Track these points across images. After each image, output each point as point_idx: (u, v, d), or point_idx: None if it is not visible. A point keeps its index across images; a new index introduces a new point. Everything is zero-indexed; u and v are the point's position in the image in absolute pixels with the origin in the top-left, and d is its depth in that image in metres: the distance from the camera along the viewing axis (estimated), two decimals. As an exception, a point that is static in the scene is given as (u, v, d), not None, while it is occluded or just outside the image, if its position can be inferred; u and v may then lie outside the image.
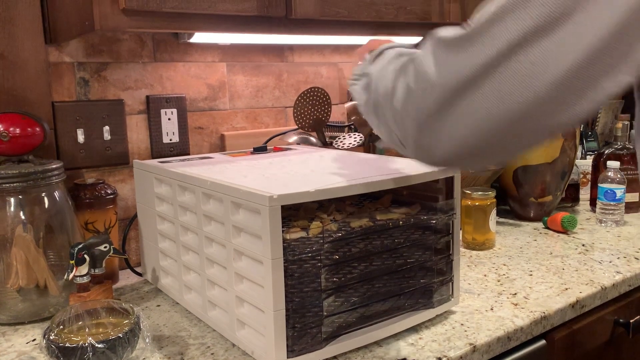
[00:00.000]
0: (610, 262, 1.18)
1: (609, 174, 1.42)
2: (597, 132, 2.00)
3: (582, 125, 1.91)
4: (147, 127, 1.27)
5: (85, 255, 0.94)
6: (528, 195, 1.45)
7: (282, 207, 0.72)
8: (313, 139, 1.37)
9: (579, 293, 1.02)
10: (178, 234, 0.97)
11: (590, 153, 1.83)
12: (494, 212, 1.27)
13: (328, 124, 1.40)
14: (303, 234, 0.77)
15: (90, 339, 0.74)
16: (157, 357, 0.84)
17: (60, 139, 1.16)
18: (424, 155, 0.60)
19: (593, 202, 1.56)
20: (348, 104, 1.39)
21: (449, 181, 0.92)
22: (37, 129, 1.00)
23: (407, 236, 0.87)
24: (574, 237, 1.36)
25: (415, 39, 1.61)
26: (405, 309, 0.88)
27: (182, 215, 0.96)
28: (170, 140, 1.29)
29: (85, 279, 0.94)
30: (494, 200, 1.28)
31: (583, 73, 0.47)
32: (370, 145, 1.39)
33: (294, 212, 0.87)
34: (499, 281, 1.09)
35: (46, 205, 0.99)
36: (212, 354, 0.84)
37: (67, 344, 0.74)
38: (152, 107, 1.26)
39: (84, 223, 1.10)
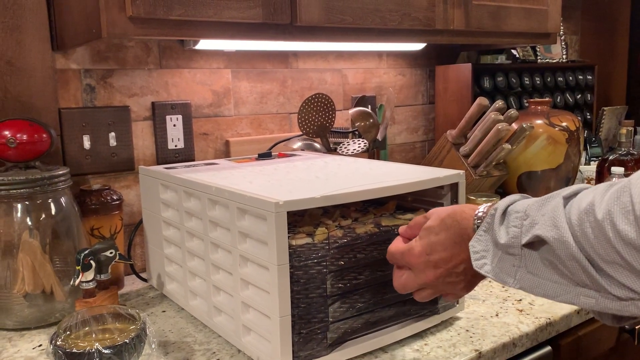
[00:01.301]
0: (615, 268, 1.18)
1: (613, 179, 1.42)
2: (601, 138, 2.00)
3: (586, 131, 1.91)
4: (153, 133, 1.28)
5: (92, 261, 0.94)
6: (532, 201, 1.45)
7: (288, 213, 0.73)
8: (317, 145, 1.37)
9: (584, 299, 1.02)
10: (183, 240, 0.98)
11: (594, 159, 1.83)
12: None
13: (332, 130, 1.41)
14: (308, 239, 0.78)
15: (97, 344, 0.74)
16: (163, 362, 0.84)
17: (67, 145, 1.16)
18: None
19: (597, 208, 1.56)
20: (352, 110, 1.40)
21: (454, 187, 0.92)
22: (44, 135, 1.01)
23: (412, 242, 0.87)
24: (578, 243, 1.35)
25: (418, 45, 1.61)
26: (410, 315, 0.88)
27: (187, 221, 0.96)
28: (176, 146, 1.30)
29: (91, 285, 0.95)
30: (499, 206, 1.28)
31: None
32: (374, 151, 1.40)
33: (299, 218, 0.87)
34: (503, 287, 1.09)
35: (52, 211, 1.00)
36: (217, 359, 0.84)
37: (74, 350, 0.74)
38: (158, 113, 1.27)
39: (90, 229, 1.10)
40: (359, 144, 1.33)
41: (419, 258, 0.70)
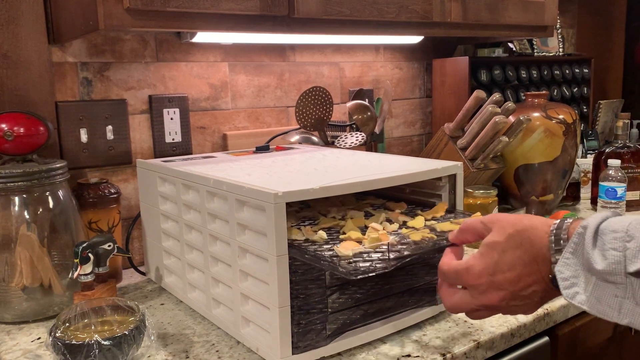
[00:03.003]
0: (612, 259, 1.18)
1: (610, 172, 1.43)
2: (597, 131, 2.01)
3: (582, 124, 1.92)
4: (150, 126, 1.27)
5: (90, 254, 0.94)
6: (529, 194, 1.45)
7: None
8: (315, 139, 1.37)
9: (582, 290, 1.02)
10: (182, 233, 0.98)
11: (591, 152, 1.84)
12: (495, 210, 1.28)
13: (330, 123, 1.41)
14: (361, 248, 0.72)
15: (96, 336, 0.74)
16: (162, 354, 0.84)
17: (64, 138, 1.16)
18: None
19: (594, 200, 1.56)
20: (349, 104, 1.40)
21: (452, 179, 0.93)
22: (41, 128, 1.01)
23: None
24: (575, 235, 1.36)
25: (415, 39, 1.61)
26: (409, 306, 0.88)
27: (186, 214, 0.96)
28: (173, 139, 1.30)
29: (90, 278, 0.95)
30: (496, 198, 1.28)
31: None
32: (372, 144, 1.40)
33: (342, 222, 0.86)
34: (501, 279, 1.10)
35: (50, 205, 1.00)
36: (216, 351, 0.84)
37: (74, 341, 0.74)
38: (155, 106, 1.26)
39: (88, 222, 1.10)
40: (357, 137, 1.33)
41: (480, 278, 0.62)
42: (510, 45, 1.89)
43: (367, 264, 0.69)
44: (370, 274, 0.68)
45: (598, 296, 0.53)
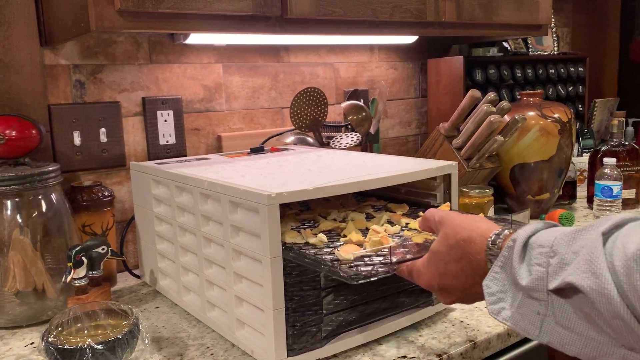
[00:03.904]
0: (609, 258, 1.18)
1: (606, 170, 1.42)
2: (592, 130, 2.01)
3: (578, 123, 1.92)
4: (144, 129, 1.27)
5: (83, 258, 0.93)
6: (525, 193, 1.45)
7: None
8: (310, 139, 1.36)
9: (578, 289, 1.02)
10: (176, 235, 0.97)
11: (587, 150, 1.84)
12: (491, 210, 1.27)
13: (325, 124, 1.40)
14: (362, 251, 0.71)
15: (89, 340, 0.74)
16: (157, 358, 0.84)
17: (57, 141, 1.15)
18: None
19: (590, 199, 1.56)
20: (344, 104, 1.39)
21: (447, 179, 0.92)
22: (34, 131, 1.00)
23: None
24: (571, 234, 1.35)
25: (410, 39, 1.61)
26: (404, 306, 0.88)
27: (179, 216, 0.95)
28: (167, 142, 1.29)
29: (83, 282, 0.94)
30: (492, 198, 1.28)
31: None
32: (367, 144, 1.39)
33: (343, 224, 0.85)
34: (497, 278, 1.09)
35: (43, 208, 0.99)
36: (211, 354, 0.84)
37: (66, 346, 0.74)
38: (148, 108, 1.26)
39: (81, 226, 1.09)
40: (352, 137, 1.33)
41: (430, 282, 0.66)
42: (505, 44, 1.88)
43: (369, 268, 0.68)
44: (372, 279, 0.66)
45: (522, 312, 0.52)
